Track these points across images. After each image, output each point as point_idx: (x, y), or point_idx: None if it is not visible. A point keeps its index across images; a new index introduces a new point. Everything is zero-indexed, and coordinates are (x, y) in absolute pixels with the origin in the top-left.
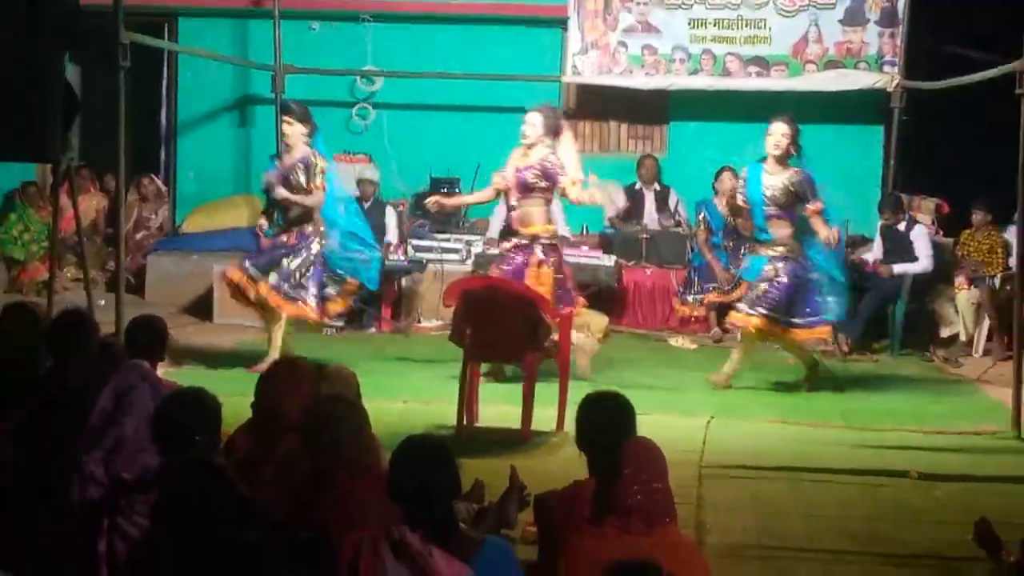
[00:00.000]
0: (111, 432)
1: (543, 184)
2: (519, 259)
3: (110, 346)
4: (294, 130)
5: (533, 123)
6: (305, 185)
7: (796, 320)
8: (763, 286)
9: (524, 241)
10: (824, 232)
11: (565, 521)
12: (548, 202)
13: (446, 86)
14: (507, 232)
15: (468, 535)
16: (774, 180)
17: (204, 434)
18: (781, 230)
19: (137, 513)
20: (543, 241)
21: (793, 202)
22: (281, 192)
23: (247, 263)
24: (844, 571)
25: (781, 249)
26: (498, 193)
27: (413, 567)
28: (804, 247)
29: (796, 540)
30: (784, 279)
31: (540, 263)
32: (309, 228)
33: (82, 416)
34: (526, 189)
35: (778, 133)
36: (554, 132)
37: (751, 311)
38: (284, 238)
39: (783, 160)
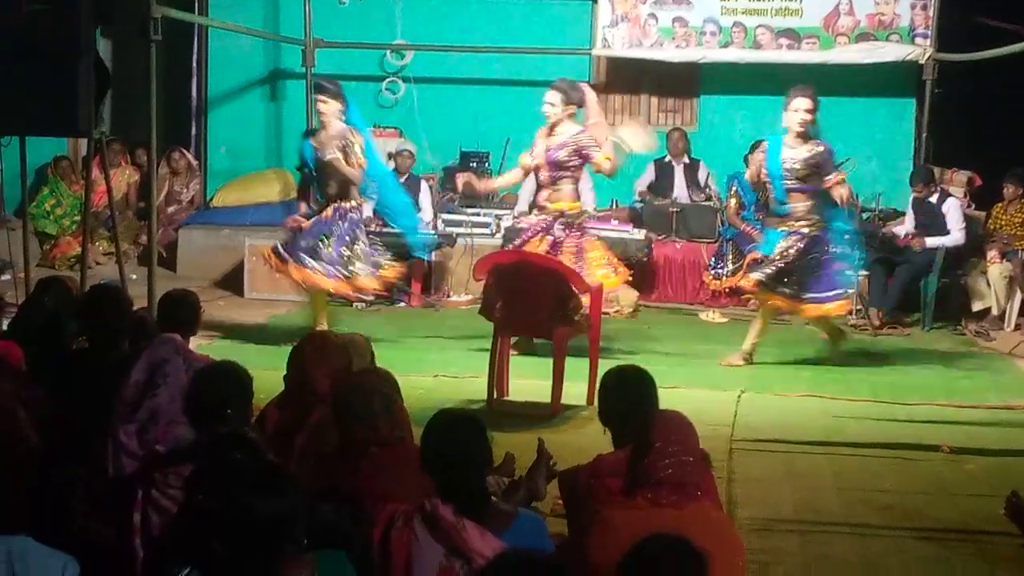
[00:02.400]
0: (145, 405)
1: (575, 161)
2: (532, 235)
3: (143, 320)
4: (329, 107)
5: (552, 101)
6: (345, 162)
7: (810, 295)
8: (776, 260)
9: (548, 218)
10: (839, 191)
11: (590, 495)
12: (576, 180)
13: (476, 60)
14: (533, 208)
15: (501, 508)
16: (794, 153)
17: (236, 407)
18: (800, 204)
19: (171, 485)
20: (567, 218)
21: (813, 175)
22: (331, 154)
23: (280, 247)
24: (878, 545)
25: (799, 223)
26: (526, 173)
27: (446, 540)
28: (825, 221)
29: (830, 514)
30: (798, 253)
31: (555, 243)
32: (347, 204)
33: (116, 389)
34: (557, 167)
35: (801, 108)
36: (578, 103)
37: (751, 275)
38: (324, 214)
39: (804, 134)
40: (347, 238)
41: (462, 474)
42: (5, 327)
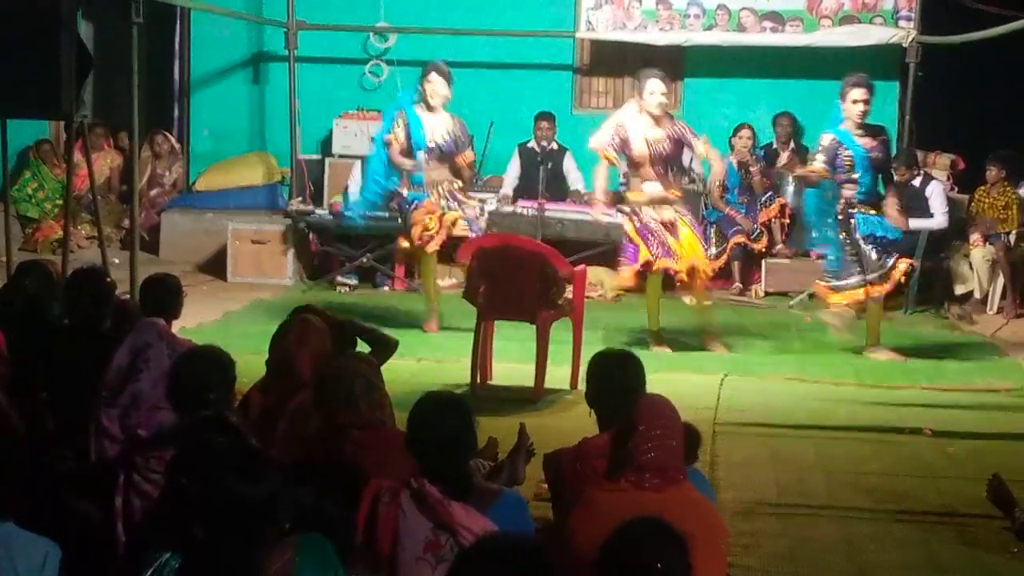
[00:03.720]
0: (128, 389)
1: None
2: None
3: (125, 304)
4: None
5: (665, 91)
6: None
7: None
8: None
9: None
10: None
11: (575, 477)
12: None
13: (459, 43)
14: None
15: (485, 487)
16: (867, 141)
17: (218, 391)
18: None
19: (153, 470)
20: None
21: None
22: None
23: None
24: (861, 527)
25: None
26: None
27: (432, 515)
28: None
29: (813, 497)
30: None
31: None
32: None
33: (98, 373)
34: (666, 160)
35: (861, 100)
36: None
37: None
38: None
39: (864, 123)
40: None
41: (448, 457)
42: None
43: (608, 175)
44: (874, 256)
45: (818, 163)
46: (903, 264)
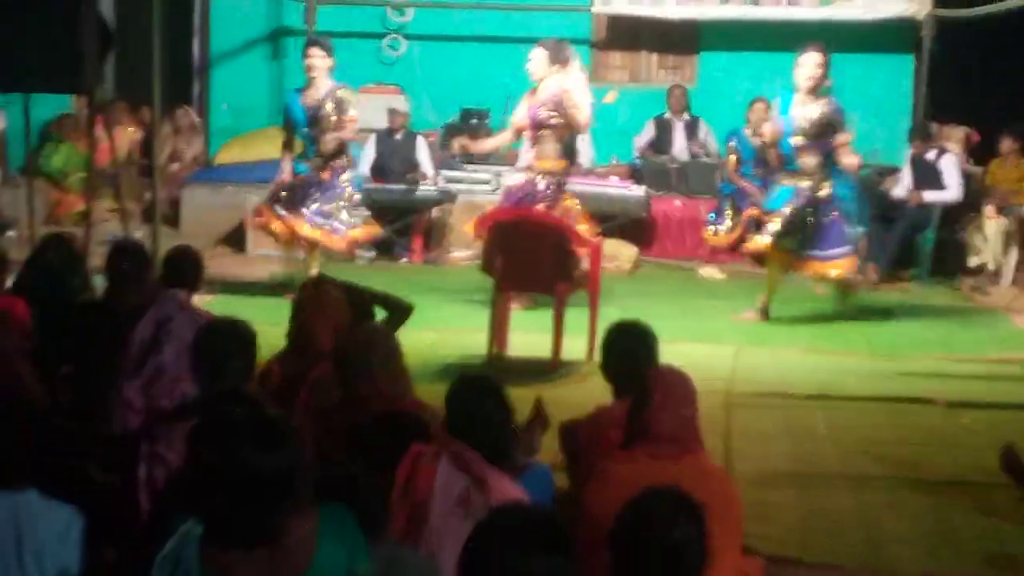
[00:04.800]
0: (150, 361)
1: (556, 120)
2: (519, 194)
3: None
4: (324, 63)
5: (537, 59)
6: (336, 118)
7: (817, 252)
8: (784, 216)
9: (534, 178)
10: (848, 160)
11: (590, 447)
12: (560, 139)
13: (477, 17)
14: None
15: (517, 459)
16: (805, 111)
17: (240, 364)
18: (810, 160)
19: (175, 440)
20: (551, 178)
21: (824, 133)
22: (324, 110)
23: (277, 206)
24: (874, 497)
25: (808, 180)
26: (518, 134)
27: (469, 472)
28: (831, 179)
29: (827, 467)
30: (805, 211)
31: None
32: (340, 162)
33: (122, 345)
34: (539, 126)
35: (811, 64)
36: (561, 62)
37: (759, 238)
38: (323, 175)
39: (814, 91)
40: (336, 193)
41: (487, 435)
42: (10, 284)
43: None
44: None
45: (767, 128)
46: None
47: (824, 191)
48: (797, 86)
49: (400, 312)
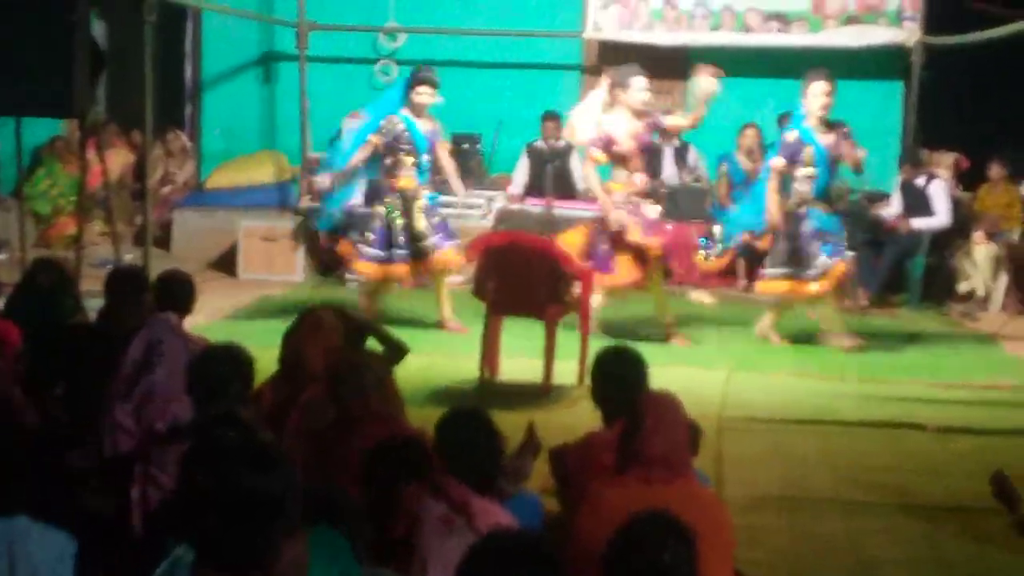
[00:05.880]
0: (141, 383)
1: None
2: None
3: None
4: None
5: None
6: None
7: (810, 272)
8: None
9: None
10: (856, 156)
11: (580, 471)
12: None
13: (468, 42)
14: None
15: (504, 487)
16: (828, 139)
17: (236, 388)
18: (834, 186)
19: (169, 463)
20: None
21: (840, 157)
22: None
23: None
24: (865, 522)
25: (824, 205)
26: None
27: (449, 502)
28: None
29: (818, 492)
30: (800, 233)
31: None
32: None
33: (113, 368)
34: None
35: (822, 93)
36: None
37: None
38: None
39: (825, 119)
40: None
41: (477, 466)
42: (1, 307)
43: (599, 174)
44: (817, 254)
45: (778, 161)
46: (842, 264)
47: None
48: (809, 114)
49: (396, 351)
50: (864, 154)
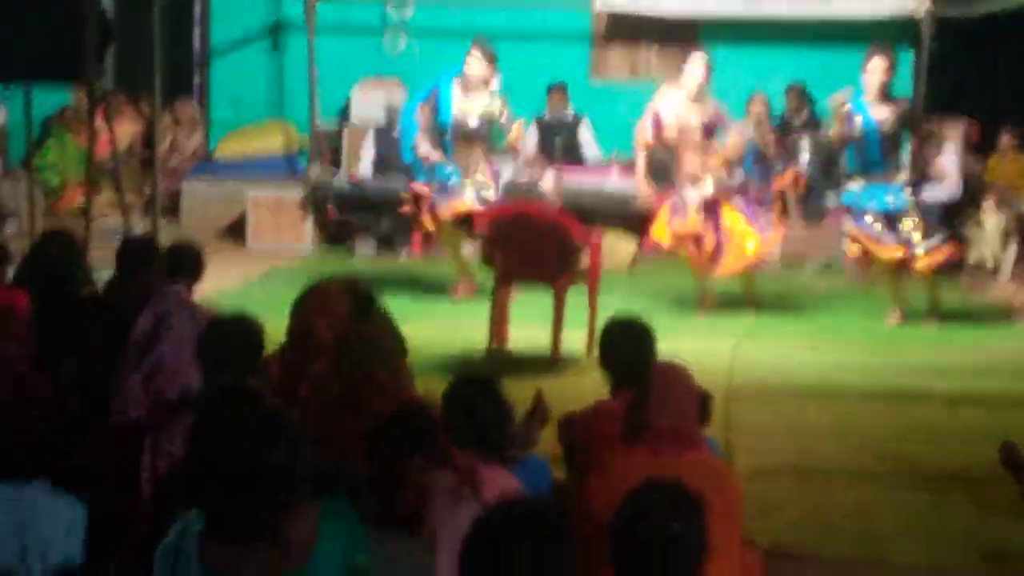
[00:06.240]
0: (152, 353)
1: None
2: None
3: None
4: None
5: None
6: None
7: (929, 244)
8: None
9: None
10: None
11: (588, 440)
12: None
13: (478, 13)
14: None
15: (512, 454)
16: (881, 113)
17: (245, 358)
18: (893, 160)
19: (178, 432)
20: None
21: (902, 132)
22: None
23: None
24: (874, 491)
25: (897, 179)
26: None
27: (456, 473)
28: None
29: (826, 461)
30: (906, 207)
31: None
32: None
33: (123, 338)
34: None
35: (879, 69)
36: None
37: (929, 248)
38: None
39: (885, 94)
40: None
41: (480, 433)
42: (10, 277)
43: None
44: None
45: (834, 127)
46: (948, 248)
47: (907, 190)
48: (867, 90)
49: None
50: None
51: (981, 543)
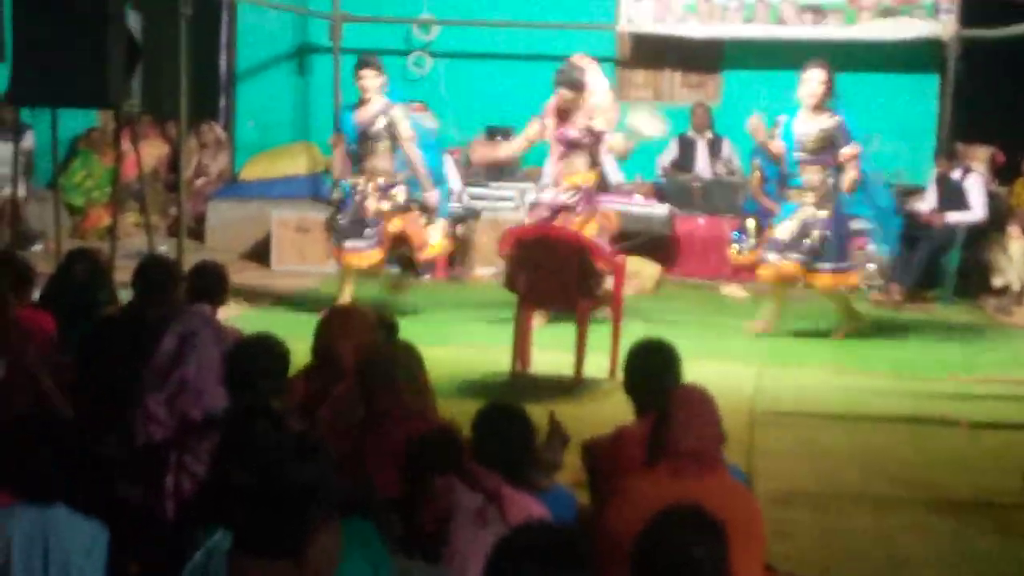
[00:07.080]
0: (175, 374)
1: (589, 140)
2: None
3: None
4: (376, 82)
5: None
6: (388, 135)
7: (823, 265)
8: (793, 231)
9: (563, 193)
10: (848, 175)
11: (611, 465)
12: (592, 153)
13: (502, 35)
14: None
15: (533, 480)
16: (807, 127)
17: (271, 379)
18: (812, 176)
19: (204, 452)
20: (580, 191)
21: (826, 148)
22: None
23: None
24: (896, 518)
25: (811, 195)
26: (530, 143)
27: (482, 489)
28: (837, 193)
29: (849, 487)
30: (810, 226)
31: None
32: (385, 180)
33: (147, 359)
34: (571, 146)
35: (813, 80)
36: (583, 87)
37: (782, 258)
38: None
39: (819, 107)
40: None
41: (509, 459)
42: (36, 297)
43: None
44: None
45: (776, 141)
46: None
47: (829, 205)
48: (801, 102)
49: None
50: (855, 176)
51: (1005, 570)
